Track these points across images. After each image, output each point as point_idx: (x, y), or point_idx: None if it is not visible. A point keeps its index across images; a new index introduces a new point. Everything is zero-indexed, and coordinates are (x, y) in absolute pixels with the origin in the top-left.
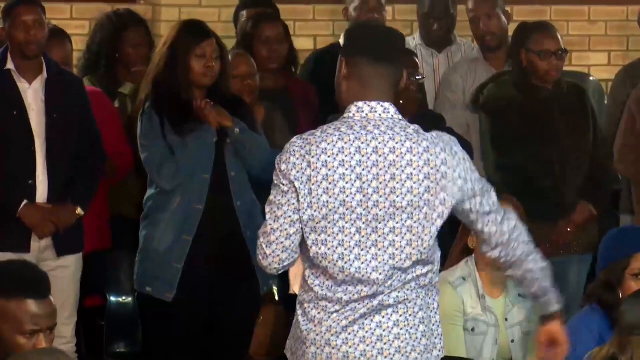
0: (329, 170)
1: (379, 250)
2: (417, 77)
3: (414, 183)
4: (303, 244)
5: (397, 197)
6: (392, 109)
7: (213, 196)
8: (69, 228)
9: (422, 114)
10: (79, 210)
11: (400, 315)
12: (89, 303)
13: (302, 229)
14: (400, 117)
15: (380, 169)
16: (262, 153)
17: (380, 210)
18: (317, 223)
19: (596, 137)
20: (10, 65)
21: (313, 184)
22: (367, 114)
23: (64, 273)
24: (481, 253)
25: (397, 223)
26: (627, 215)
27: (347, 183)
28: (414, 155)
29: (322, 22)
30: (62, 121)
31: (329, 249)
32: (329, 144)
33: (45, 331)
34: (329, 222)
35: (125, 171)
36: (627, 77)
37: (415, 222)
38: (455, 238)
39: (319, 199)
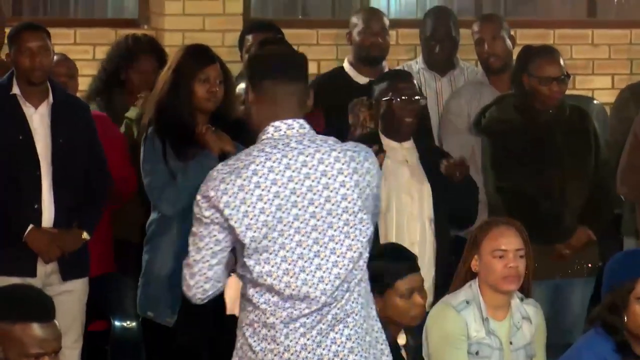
0: (262, 190)
1: (322, 260)
2: (416, 99)
3: (347, 190)
4: (243, 265)
5: (333, 205)
6: (307, 124)
7: None
8: (75, 252)
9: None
10: (85, 235)
11: (351, 329)
12: (93, 327)
13: (241, 253)
14: (314, 131)
15: (313, 181)
16: None
17: (318, 220)
18: (258, 243)
19: (598, 160)
20: (15, 90)
21: (248, 206)
22: (285, 132)
23: (70, 297)
24: None
25: (335, 231)
26: (631, 238)
27: (282, 200)
28: (343, 164)
29: (326, 46)
30: (68, 146)
31: (272, 266)
32: (257, 165)
33: (50, 355)
34: (269, 241)
35: (128, 196)
36: (631, 96)
37: (351, 227)
38: (459, 262)
39: (257, 220)
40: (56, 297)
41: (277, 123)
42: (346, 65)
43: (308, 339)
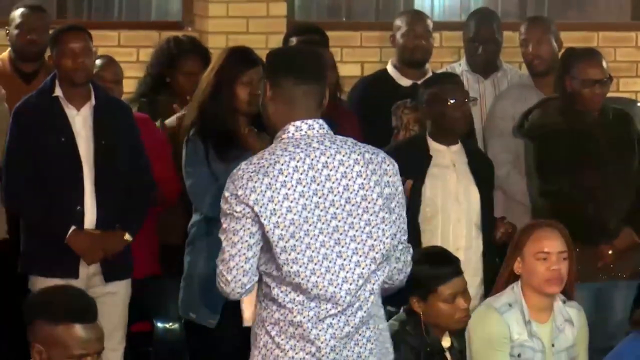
0: (288, 189)
1: (344, 260)
2: (467, 101)
3: (366, 191)
4: (267, 263)
5: (353, 206)
6: (325, 125)
7: None
8: (118, 254)
9: None
10: (127, 237)
11: (372, 331)
12: (136, 329)
13: (267, 250)
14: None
15: (333, 182)
16: None
17: (339, 221)
18: (286, 242)
19: None
20: (58, 92)
21: (275, 204)
22: (306, 132)
23: (112, 299)
24: None
25: (357, 231)
26: None
27: (306, 200)
28: (362, 166)
29: (370, 48)
30: (110, 147)
31: (300, 266)
32: (282, 164)
33: (92, 355)
34: (297, 240)
35: (172, 198)
36: None
37: (373, 227)
38: (502, 264)
39: (284, 218)
40: (99, 299)
41: (297, 123)
42: (390, 68)
43: (338, 341)
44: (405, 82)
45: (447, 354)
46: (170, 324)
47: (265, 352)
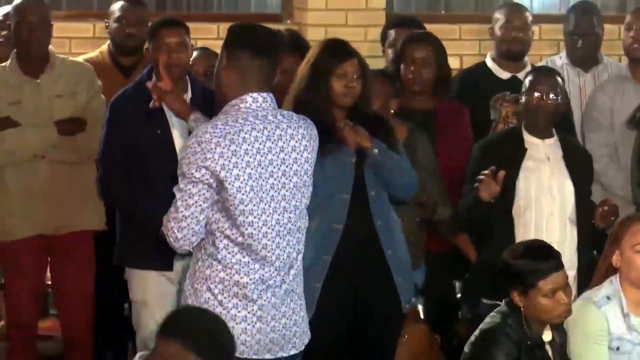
0: (250, 157)
1: (292, 225)
2: (552, 97)
3: (309, 165)
4: (222, 224)
5: (299, 178)
6: (274, 100)
7: (353, 216)
8: None
9: None
10: None
11: (300, 287)
12: None
13: (222, 210)
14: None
15: (286, 154)
16: (402, 174)
17: (287, 190)
18: (245, 206)
19: None
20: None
21: (239, 170)
22: (261, 104)
23: None
24: None
25: (301, 203)
26: None
27: (262, 168)
28: (307, 141)
29: (468, 41)
30: None
31: (255, 229)
32: (245, 133)
33: None
34: (254, 205)
35: None
36: None
37: (307, 200)
38: (599, 257)
39: (246, 184)
40: None
41: (255, 94)
42: (488, 61)
43: (277, 299)
44: (504, 75)
45: (548, 348)
46: None
47: (207, 308)
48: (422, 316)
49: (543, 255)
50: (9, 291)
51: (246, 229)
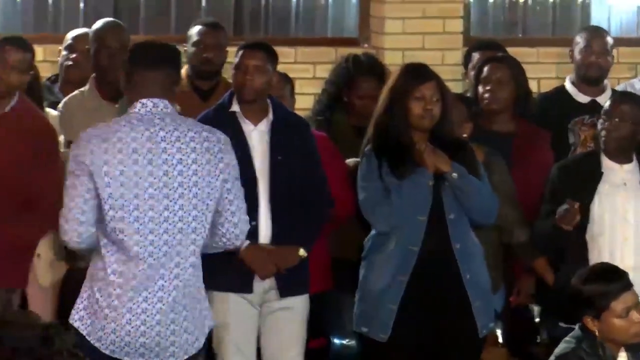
0: (124, 156)
1: (169, 225)
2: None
3: (198, 166)
4: (101, 221)
5: (184, 178)
6: (170, 106)
7: (430, 238)
8: (294, 269)
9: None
10: (302, 252)
11: (177, 313)
12: (313, 345)
13: (99, 206)
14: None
15: (169, 155)
16: (481, 199)
17: (170, 190)
18: (115, 200)
19: None
20: (235, 107)
21: (110, 167)
22: (151, 109)
23: (288, 314)
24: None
25: (185, 201)
26: None
27: (139, 167)
28: (197, 143)
29: (546, 64)
30: (287, 163)
31: (125, 224)
32: (122, 133)
33: None
34: (125, 200)
35: (344, 217)
36: None
37: (199, 199)
38: None
39: (116, 179)
40: (274, 314)
41: (144, 100)
42: (567, 84)
43: (148, 305)
44: (583, 98)
45: None
46: (347, 340)
47: (87, 305)
48: (500, 340)
49: (611, 276)
50: None
51: (117, 224)
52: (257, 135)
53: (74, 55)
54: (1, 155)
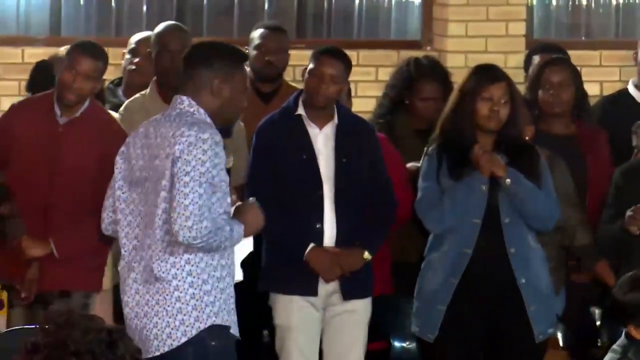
0: (131, 149)
1: (143, 222)
2: None
3: (165, 163)
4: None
5: (154, 171)
6: (195, 105)
7: (484, 241)
8: (357, 272)
9: None
10: (367, 255)
11: (160, 306)
12: (373, 347)
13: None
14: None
15: (154, 148)
16: (536, 204)
17: (150, 183)
18: (122, 193)
19: None
20: (300, 110)
21: (120, 157)
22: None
23: (351, 317)
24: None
25: (157, 197)
26: None
27: (134, 160)
28: (175, 138)
29: (609, 67)
30: (351, 166)
31: (122, 215)
32: (138, 128)
33: None
34: (123, 193)
35: (403, 219)
36: None
37: (168, 194)
38: None
39: (120, 171)
40: (337, 317)
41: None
42: (630, 87)
43: (128, 298)
44: None
45: None
46: (407, 342)
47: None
48: (561, 343)
49: None
50: None
51: (117, 216)
52: (323, 139)
53: (137, 60)
54: (70, 160)
